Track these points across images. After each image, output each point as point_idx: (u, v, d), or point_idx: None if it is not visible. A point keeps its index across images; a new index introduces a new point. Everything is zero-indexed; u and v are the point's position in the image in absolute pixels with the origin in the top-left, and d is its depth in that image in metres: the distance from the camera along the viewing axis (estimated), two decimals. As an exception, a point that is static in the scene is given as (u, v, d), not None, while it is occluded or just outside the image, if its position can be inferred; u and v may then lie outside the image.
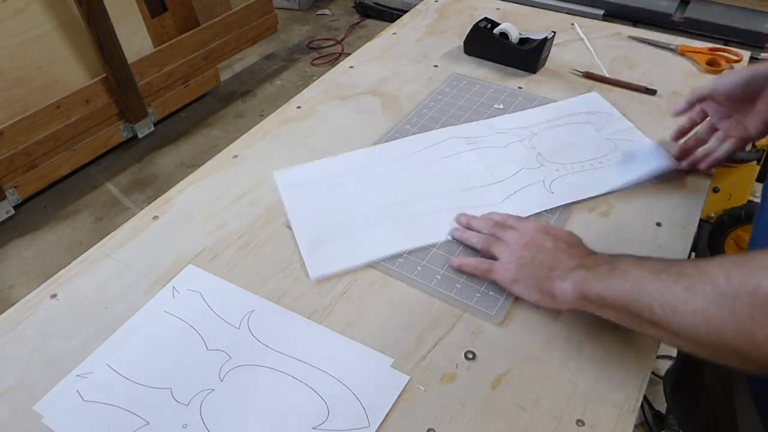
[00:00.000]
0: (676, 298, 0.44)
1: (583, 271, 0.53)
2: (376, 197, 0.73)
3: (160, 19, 2.17)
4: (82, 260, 0.67)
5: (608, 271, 0.51)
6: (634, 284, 0.48)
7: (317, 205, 0.72)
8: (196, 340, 0.58)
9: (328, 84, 0.97)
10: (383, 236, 0.68)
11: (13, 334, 0.59)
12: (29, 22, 1.72)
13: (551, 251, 0.58)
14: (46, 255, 1.77)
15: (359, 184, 0.75)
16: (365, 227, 0.69)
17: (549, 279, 0.56)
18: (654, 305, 0.46)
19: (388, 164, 0.78)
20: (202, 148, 2.18)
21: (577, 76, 0.97)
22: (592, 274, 0.52)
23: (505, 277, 0.60)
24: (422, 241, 0.67)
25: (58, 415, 0.52)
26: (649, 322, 0.47)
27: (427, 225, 0.69)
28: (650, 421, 1.21)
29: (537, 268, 0.57)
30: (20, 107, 1.75)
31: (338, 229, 0.69)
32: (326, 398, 0.52)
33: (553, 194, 0.73)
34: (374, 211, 0.71)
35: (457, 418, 0.51)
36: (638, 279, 0.48)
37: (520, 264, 0.59)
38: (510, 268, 0.59)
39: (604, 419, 0.51)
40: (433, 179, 0.76)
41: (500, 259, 0.61)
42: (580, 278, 0.53)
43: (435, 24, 1.14)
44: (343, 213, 0.71)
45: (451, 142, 0.81)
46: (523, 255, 0.59)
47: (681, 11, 2.17)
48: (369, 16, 3.03)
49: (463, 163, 0.78)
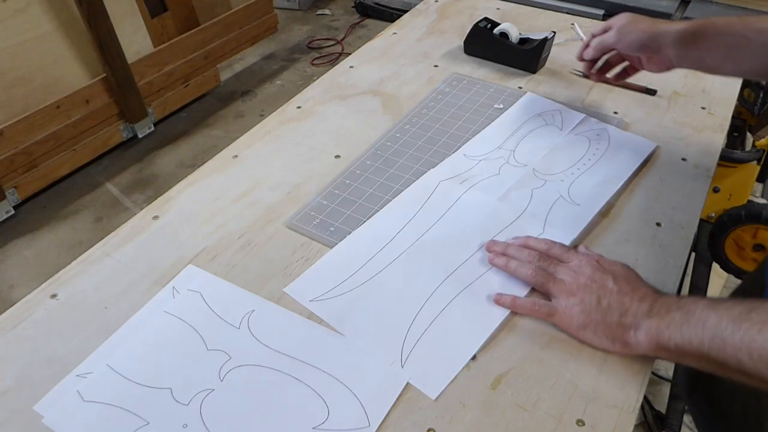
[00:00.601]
0: (764, 348, 0.43)
1: (657, 320, 0.51)
2: (429, 275, 0.64)
3: (160, 19, 2.17)
4: (82, 260, 0.67)
5: (684, 319, 0.49)
6: (715, 334, 0.47)
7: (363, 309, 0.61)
8: (196, 340, 0.58)
9: (328, 84, 0.97)
10: (467, 318, 0.59)
11: (13, 334, 0.59)
12: (29, 22, 1.72)
13: (616, 293, 0.55)
14: (46, 255, 1.77)
15: (396, 273, 0.64)
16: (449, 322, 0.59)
17: (621, 327, 0.53)
18: (740, 356, 0.45)
19: (403, 238, 0.68)
20: (202, 148, 2.18)
21: (577, 76, 0.97)
22: (666, 322, 0.50)
23: (570, 323, 0.56)
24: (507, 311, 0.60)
25: (58, 415, 0.52)
26: (737, 371, 0.46)
27: (508, 283, 0.62)
28: (650, 421, 1.21)
29: (605, 313, 0.55)
30: (20, 107, 1.75)
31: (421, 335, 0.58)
32: (326, 398, 0.52)
33: (579, 205, 0.72)
34: (440, 296, 0.61)
35: (457, 418, 0.51)
36: (718, 328, 0.46)
37: (584, 309, 0.56)
38: (574, 313, 0.56)
39: (604, 419, 0.51)
40: (460, 236, 0.68)
41: (558, 300, 0.58)
42: (655, 327, 0.51)
43: (435, 24, 1.14)
44: (403, 315, 0.60)
45: (444, 187, 0.75)
46: (585, 298, 0.56)
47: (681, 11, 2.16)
48: (369, 16, 3.03)
49: (474, 205, 0.72)
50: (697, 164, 0.78)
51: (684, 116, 0.87)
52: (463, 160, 0.80)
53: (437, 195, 0.74)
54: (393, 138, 0.84)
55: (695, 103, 0.90)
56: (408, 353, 0.56)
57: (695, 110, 0.89)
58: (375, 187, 0.76)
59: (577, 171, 0.77)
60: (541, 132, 0.84)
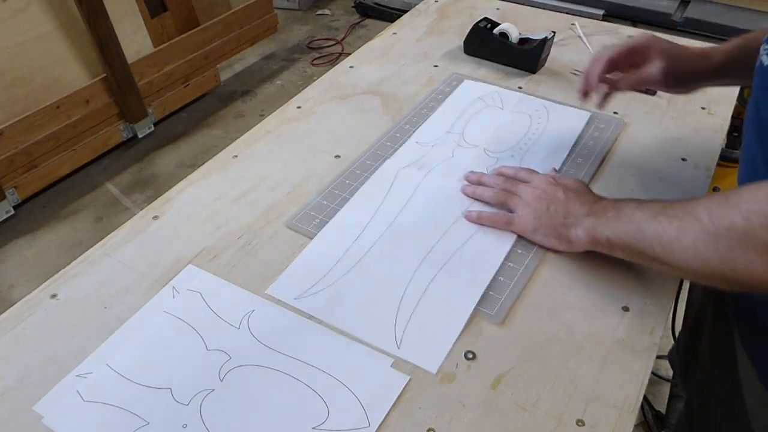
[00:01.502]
0: (671, 237, 0.51)
1: (593, 218, 0.60)
2: (406, 260, 0.65)
3: (160, 19, 2.17)
4: (82, 260, 0.67)
5: (615, 216, 0.58)
6: (637, 227, 0.55)
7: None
8: (196, 340, 0.58)
9: (328, 84, 0.97)
10: (452, 293, 0.61)
11: (13, 334, 0.59)
12: (29, 22, 1.72)
13: (563, 201, 0.64)
14: (46, 255, 1.77)
15: (374, 261, 0.65)
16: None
17: (564, 227, 0.62)
18: (654, 244, 0.53)
19: (375, 228, 0.69)
20: (202, 148, 2.18)
21: (578, 75, 0.97)
22: (602, 220, 0.59)
23: (525, 228, 0.66)
24: (488, 279, 0.63)
25: (58, 415, 0.52)
26: (652, 258, 0.54)
27: (482, 256, 0.65)
28: (650, 421, 1.21)
29: (552, 217, 0.64)
30: (20, 107, 1.75)
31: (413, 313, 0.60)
32: (326, 398, 0.52)
33: None
34: (421, 277, 0.63)
35: (457, 418, 0.51)
36: (640, 222, 0.55)
37: (536, 215, 0.65)
38: (528, 220, 0.65)
39: (604, 419, 0.51)
40: (428, 219, 0.70)
41: (516, 211, 0.67)
42: (591, 224, 0.60)
43: (435, 24, 1.14)
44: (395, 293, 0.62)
45: (404, 175, 0.76)
46: (538, 207, 0.65)
47: (681, 11, 2.16)
48: (369, 16, 3.03)
49: (436, 188, 0.74)
50: (697, 164, 0.78)
51: (684, 116, 0.87)
52: (416, 147, 0.82)
53: (399, 183, 0.76)
54: (393, 138, 0.84)
55: (695, 103, 0.90)
56: (402, 334, 0.58)
57: (695, 110, 0.89)
58: (375, 187, 0.76)
59: (524, 146, 0.82)
60: (485, 112, 0.89)
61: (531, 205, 0.66)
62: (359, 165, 0.79)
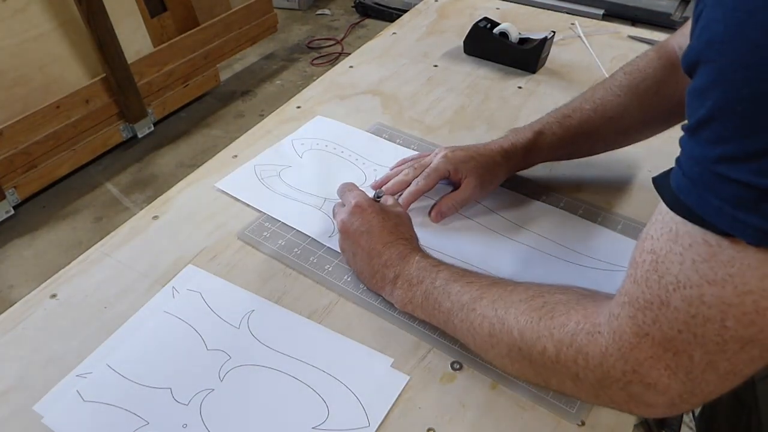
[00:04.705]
0: (484, 341, 0.49)
1: (402, 292, 0.57)
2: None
3: (160, 19, 2.17)
4: (82, 260, 0.67)
5: (424, 298, 0.55)
6: (447, 320, 0.53)
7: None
8: (196, 340, 0.58)
9: (328, 84, 0.97)
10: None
11: (13, 334, 0.59)
12: (29, 22, 1.72)
13: (366, 254, 0.59)
14: (46, 255, 1.77)
15: None
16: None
17: (378, 283, 0.59)
18: (468, 341, 0.52)
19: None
20: (202, 148, 2.18)
21: (578, 75, 0.97)
22: (409, 297, 0.56)
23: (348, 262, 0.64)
24: None
25: (58, 415, 0.52)
26: (467, 347, 0.53)
27: None
28: (650, 421, 1.21)
29: (361, 269, 0.61)
30: (20, 107, 1.75)
31: None
32: (326, 398, 0.52)
33: None
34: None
35: (457, 418, 0.51)
36: (448, 314, 0.52)
37: (347, 259, 0.63)
38: (346, 257, 0.64)
39: (604, 419, 0.51)
40: None
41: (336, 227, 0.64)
42: (400, 299, 0.57)
43: (435, 24, 1.14)
44: None
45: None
46: (344, 248, 0.63)
47: (681, 11, 2.17)
48: (369, 16, 3.03)
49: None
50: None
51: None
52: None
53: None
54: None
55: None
56: None
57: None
58: (375, 187, 0.76)
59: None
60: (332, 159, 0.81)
61: (341, 236, 0.63)
62: (359, 165, 0.79)
